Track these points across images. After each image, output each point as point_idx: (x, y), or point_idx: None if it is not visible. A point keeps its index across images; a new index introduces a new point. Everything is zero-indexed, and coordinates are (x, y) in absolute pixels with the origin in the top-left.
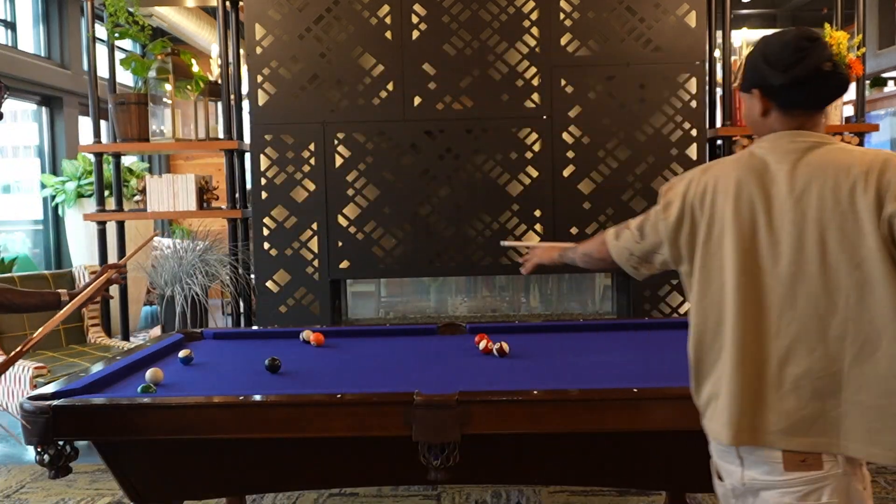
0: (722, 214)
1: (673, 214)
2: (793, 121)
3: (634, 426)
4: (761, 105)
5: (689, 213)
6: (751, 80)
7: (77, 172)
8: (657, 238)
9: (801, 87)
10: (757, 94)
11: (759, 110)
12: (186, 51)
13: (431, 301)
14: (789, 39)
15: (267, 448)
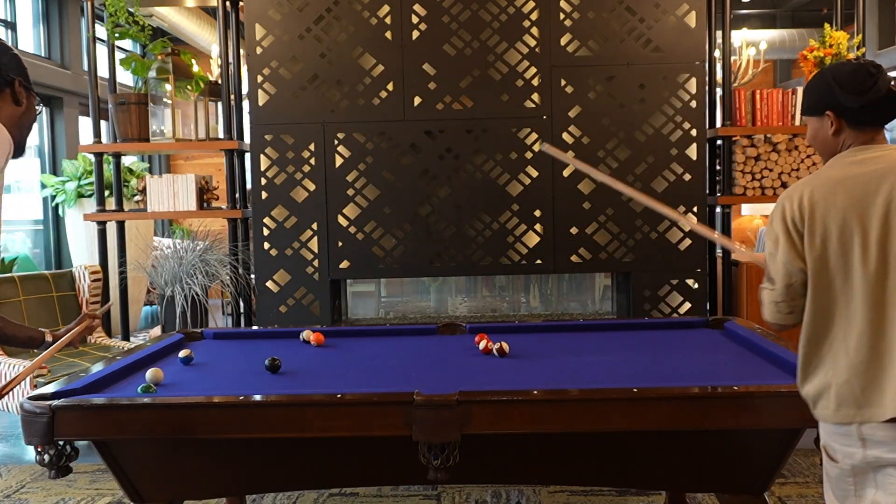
0: (825, 221)
1: (781, 241)
2: (865, 136)
3: (634, 426)
4: (836, 125)
5: (793, 229)
6: (824, 104)
7: (77, 172)
8: (784, 270)
9: (874, 108)
10: (831, 116)
11: (833, 129)
12: (186, 51)
13: (431, 301)
14: (859, 67)
15: (267, 448)
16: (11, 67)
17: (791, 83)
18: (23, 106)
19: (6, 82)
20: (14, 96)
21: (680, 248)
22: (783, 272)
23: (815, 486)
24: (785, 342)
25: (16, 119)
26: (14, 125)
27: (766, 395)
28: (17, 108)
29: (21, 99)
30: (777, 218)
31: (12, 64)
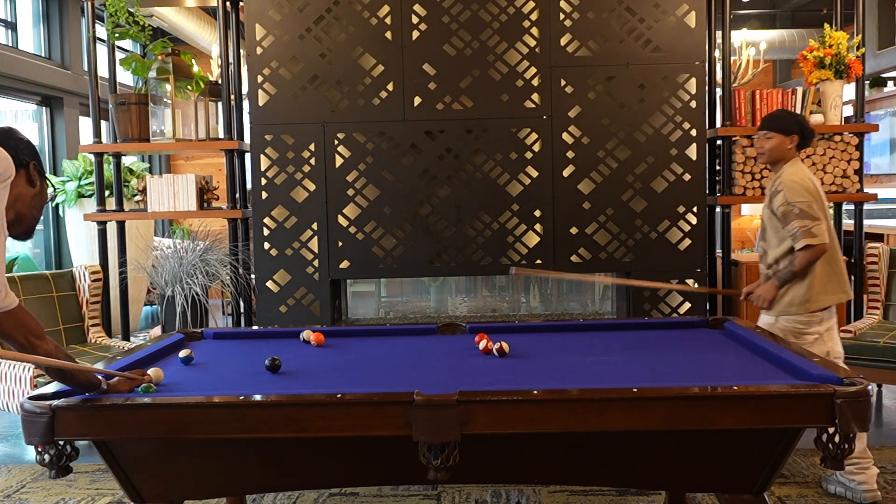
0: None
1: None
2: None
3: (634, 426)
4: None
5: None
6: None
7: (77, 172)
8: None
9: (811, 139)
10: (797, 139)
11: (794, 146)
12: (187, 51)
13: (431, 301)
14: (804, 118)
15: (267, 448)
16: (26, 153)
17: (791, 83)
18: (36, 188)
19: (22, 164)
20: (29, 178)
21: (680, 248)
22: (821, 214)
23: (815, 486)
24: (785, 342)
25: (27, 199)
26: (25, 205)
27: (766, 395)
28: (30, 189)
29: (35, 182)
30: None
31: (27, 150)
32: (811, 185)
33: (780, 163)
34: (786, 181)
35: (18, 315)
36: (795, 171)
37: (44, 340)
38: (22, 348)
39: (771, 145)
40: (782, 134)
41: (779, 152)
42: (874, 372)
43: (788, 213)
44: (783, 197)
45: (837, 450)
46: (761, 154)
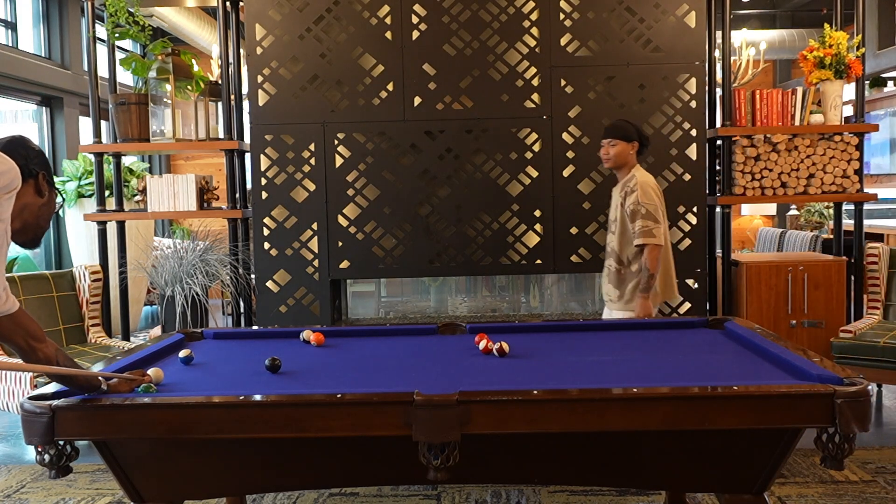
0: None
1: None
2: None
3: (634, 426)
4: (637, 150)
5: (660, 198)
6: (637, 138)
7: (77, 172)
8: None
9: (648, 146)
10: (637, 145)
11: (635, 152)
12: (187, 51)
13: (431, 301)
14: (641, 127)
15: (267, 448)
16: (36, 162)
17: (791, 83)
18: (44, 198)
19: (31, 174)
20: (37, 188)
21: (680, 248)
22: (661, 218)
23: (815, 486)
24: (785, 342)
25: (35, 209)
26: (32, 214)
27: (766, 395)
28: (38, 199)
29: (44, 192)
30: (652, 190)
31: (38, 159)
32: (658, 192)
33: (624, 167)
34: (641, 183)
35: (19, 319)
36: (646, 175)
37: (44, 343)
38: (22, 351)
39: (615, 152)
40: (625, 141)
41: (623, 158)
42: (874, 372)
43: (636, 213)
44: (636, 197)
45: (837, 450)
46: (608, 160)
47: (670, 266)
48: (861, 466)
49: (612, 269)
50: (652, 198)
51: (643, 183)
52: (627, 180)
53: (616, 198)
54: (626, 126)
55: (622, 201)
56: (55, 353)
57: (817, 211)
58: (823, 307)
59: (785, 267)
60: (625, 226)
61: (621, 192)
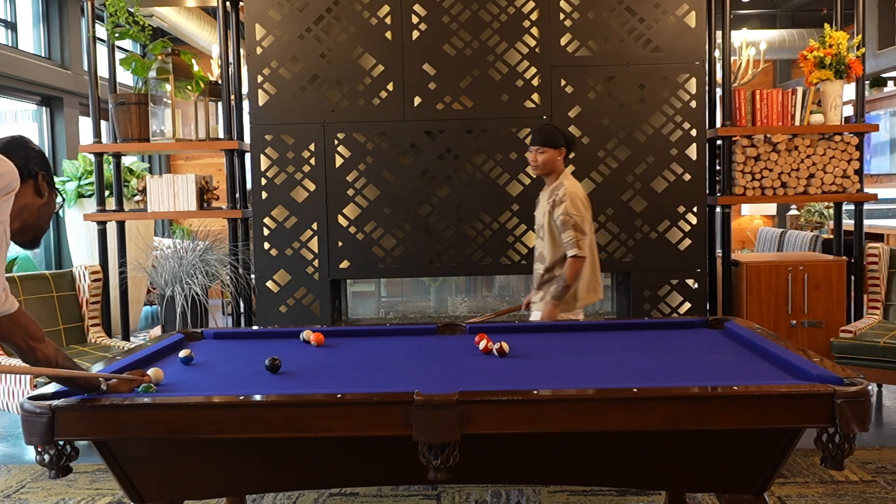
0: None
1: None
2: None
3: (634, 426)
4: (564, 155)
5: (587, 208)
6: (563, 144)
7: (77, 172)
8: (588, 227)
9: (574, 149)
10: (564, 151)
11: (563, 158)
12: (187, 51)
13: (431, 301)
14: (568, 131)
15: (267, 448)
16: (36, 163)
17: (791, 83)
18: (44, 199)
19: (31, 174)
20: (37, 188)
21: (680, 248)
22: (589, 229)
23: (815, 486)
24: (785, 342)
25: (34, 209)
26: (32, 215)
27: (766, 395)
28: (37, 199)
29: (43, 192)
30: (580, 200)
31: (38, 160)
32: (586, 202)
33: (552, 174)
34: (569, 194)
35: (18, 319)
36: (574, 184)
37: (43, 343)
38: (21, 351)
39: (543, 159)
40: (553, 148)
41: (551, 164)
42: (874, 372)
43: (566, 223)
44: (564, 208)
45: (837, 450)
46: (536, 167)
47: (596, 269)
48: (861, 466)
49: (540, 273)
50: (580, 208)
51: (572, 193)
52: (556, 188)
53: (544, 204)
54: (554, 132)
55: (550, 209)
56: (54, 354)
57: (817, 211)
58: (823, 307)
59: (785, 267)
60: (553, 233)
61: (549, 200)
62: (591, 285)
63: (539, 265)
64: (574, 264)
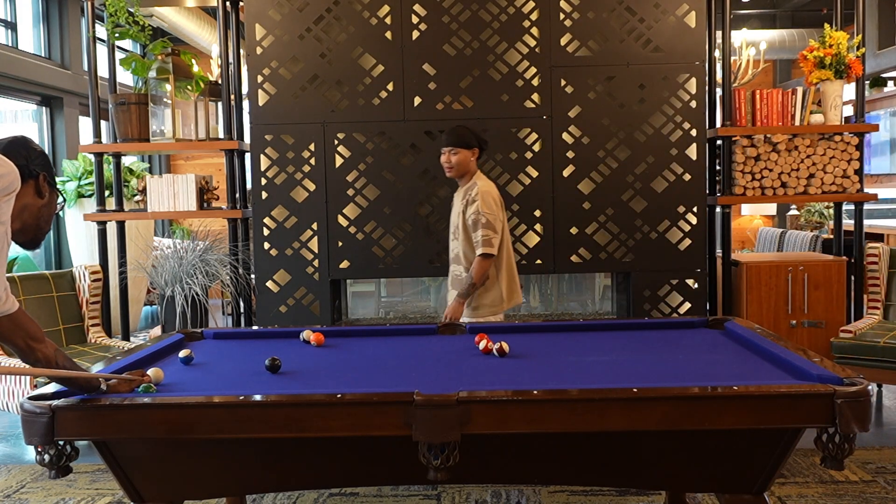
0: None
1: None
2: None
3: (634, 426)
4: (477, 155)
5: (501, 208)
6: (476, 144)
7: (77, 172)
8: (500, 227)
9: (486, 149)
10: (477, 151)
11: (476, 158)
12: (186, 51)
13: (431, 301)
14: (478, 131)
15: (267, 448)
16: (38, 163)
17: (791, 83)
18: (45, 199)
19: (31, 175)
20: (38, 189)
21: (680, 248)
22: (501, 228)
23: (815, 486)
24: (785, 342)
25: (35, 210)
26: (32, 216)
27: (766, 395)
28: (38, 200)
29: (44, 193)
30: (493, 200)
31: (39, 160)
32: (499, 201)
33: (466, 174)
34: (482, 193)
35: (18, 319)
36: (487, 184)
37: (43, 344)
38: (21, 351)
39: (457, 160)
40: (466, 148)
41: (465, 166)
42: (874, 372)
43: (477, 222)
44: (476, 207)
45: (837, 450)
46: (450, 168)
47: (514, 272)
48: (861, 466)
49: (457, 275)
50: (492, 207)
51: (485, 192)
52: (469, 188)
53: (458, 205)
54: (466, 133)
55: (463, 209)
56: (54, 354)
57: (817, 211)
58: (823, 307)
59: (785, 267)
60: (468, 233)
61: (463, 200)
62: (511, 290)
63: (457, 266)
64: (482, 263)
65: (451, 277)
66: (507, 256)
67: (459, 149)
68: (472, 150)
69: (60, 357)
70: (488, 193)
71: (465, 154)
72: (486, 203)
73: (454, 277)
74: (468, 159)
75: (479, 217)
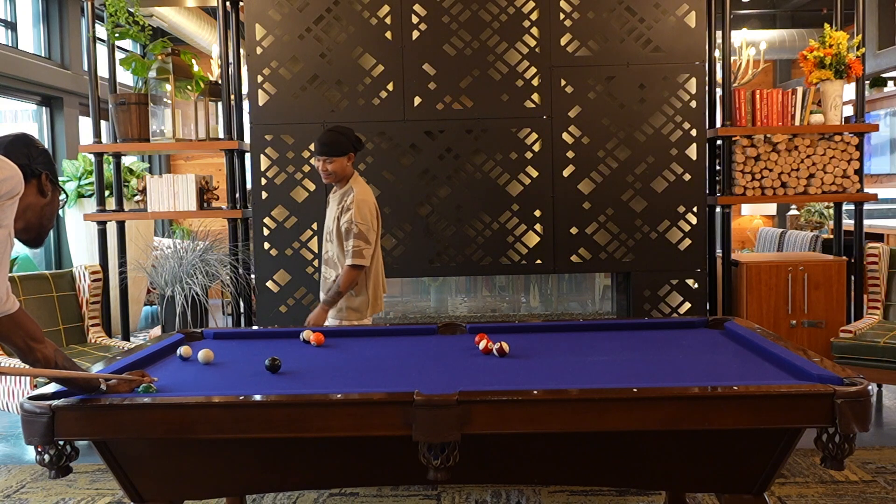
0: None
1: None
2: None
3: (634, 426)
4: (353, 159)
5: (377, 216)
6: (350, 148)
7: (77, 172)
8: (373, 237)
9: (361, 148)
10: (352, 155)
11: (351, 161)
12: (186, 51)
13: (431, 301)
14: (349, 130)
15: (267, 448)
16: (40, 162)
17: (791, 83)
18: (47, 198)
19: (34, 174)
20: (40, 188)
21: (680, 248)
22: (374, 238)
23: (815, 486)
24: (785, 342)
25: (37, 209)
26: (35, 214)
27: (766, 395)
28: (41, 199)
29: (47, 191)
30: (368, 209)
31: (41, 158)
32: (374, 209)
33: (343, 179)
34: (358, 202)
35: (19, 319)
36: (364, 191)
37: (43, 344)
38: (21, 351)
39: (333, 168)
40: (341, 156)
41: (342, 171)
42: (874, 372)
43: (349, 231)
44: (351, 216)
45: (837, 450)
46: (327, 176)
47: (380, 283)
48: (861, 466)
49: (330, 279)
50: (367, 217)
51: (360, 201)
52: (345, 193)
53: (334, 208)
54: (338, 139)
55: (338, 214)
56: (54, 354)
57: (817, 211)
58: (823, 307)
59: (785, 267)
60: (341, 238)
61: (339, 205)
62: (376, 295)
63: (330, 270)
64: (350, 273)
65: (322, 280)
66: (377, 265)
67: (334, 157)
68: (347, 156)
69: (60, 357)
70: (364, 203)
71: (340, 161)
72: (360, 213)
73: (324, 280)
74: (344, 164)
75: (351, 227)
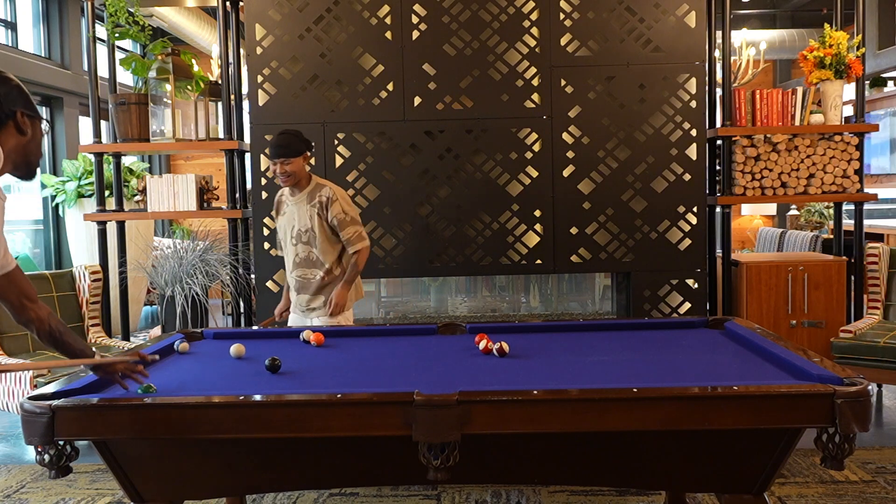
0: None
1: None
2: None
3: (634, 426)
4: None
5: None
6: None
7: (77, 172)
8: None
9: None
10: (308, 154)
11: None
12: (186, 51)
13: (431, 301)
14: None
15: (267, 448)
16: (12, 99)
17: (791, 83)
18: (28, 135)
19: (8, 115)
20: (18, 127)
21: (680, 248)
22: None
23: (815, 486)
24: (785, 342)
25: (21, 148)
26: (20, 154)
27: (766, 395)
28: (22, 138)
29: (25, 129)
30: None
31: (13, 95)
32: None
33: (303, 179)
34: (339, 193)
35: (14, 277)
36: (335, 185)
37: (36, 304)
38: (14, 309)
39: (293, 169)
40: (298, 156)
41: (301, 171)
42: (874, 372)
43: (343, 221)
44: (339, 207)
45: (837, 450)
46: (287, 178)
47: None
48: (861, 466)
49: (316, 279)
50: (352, 204)
51: (340, 192)
52: (315, 190)
53: (304, 209)
54: (293, 140)
55: (318, 212)
56: (47, 317)
57: (817, 211)
58: (823, 307)
59: (785, 267)
60: (325, 235)
61: (313, 204)
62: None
63: (315, 270)
64: (364, 253)
65: (302, 282)
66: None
67: (292, 158)
68: (304, 155)
69: (53, 321)
70: (343, 193)
71: (297, 161)
72: (346, 201)
73: (306, 281)
74: (301, 165)
75: (343, 217)
